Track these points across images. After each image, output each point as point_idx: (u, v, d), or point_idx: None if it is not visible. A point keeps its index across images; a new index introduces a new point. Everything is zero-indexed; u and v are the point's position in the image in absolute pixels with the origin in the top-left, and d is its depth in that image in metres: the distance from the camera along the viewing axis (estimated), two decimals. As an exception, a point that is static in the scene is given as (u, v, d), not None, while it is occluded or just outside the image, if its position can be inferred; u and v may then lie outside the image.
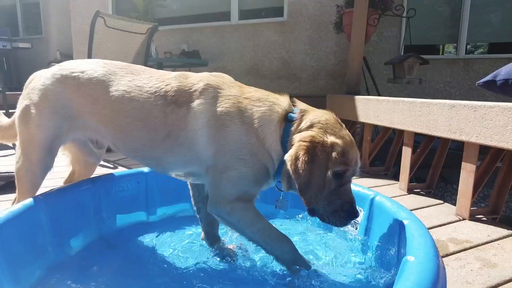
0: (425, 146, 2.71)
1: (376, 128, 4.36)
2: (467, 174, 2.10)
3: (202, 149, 1.32)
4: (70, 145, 1.67)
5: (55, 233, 1.45)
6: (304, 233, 1.72)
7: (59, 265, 1.39)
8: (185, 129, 1.32)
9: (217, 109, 1.30)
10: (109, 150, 1.67)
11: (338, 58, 6.19)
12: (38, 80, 1.47)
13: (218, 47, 6.84)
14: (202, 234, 1.62)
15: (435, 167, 2.71)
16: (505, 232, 1.90)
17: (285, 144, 1.26)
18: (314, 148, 1.15)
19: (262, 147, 1.29)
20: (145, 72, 1.46)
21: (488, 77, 1.75)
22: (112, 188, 1.80)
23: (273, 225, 1.34)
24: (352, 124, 3.74)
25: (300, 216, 1.85)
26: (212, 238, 1.61)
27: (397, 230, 1.24)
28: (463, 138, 2.07)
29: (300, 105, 1.37)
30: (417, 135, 2.65)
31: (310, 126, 1.24)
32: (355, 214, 1.21)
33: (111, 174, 1.88)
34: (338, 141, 1.20)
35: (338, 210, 1.20)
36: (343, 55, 6.03)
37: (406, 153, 2.67)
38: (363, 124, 3.39)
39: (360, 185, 1.65)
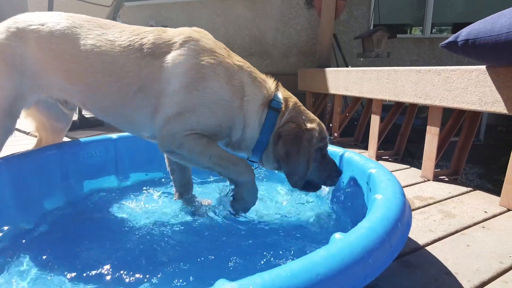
0: (393, 113, 2.80)
1: (345, 101, 4.46)
2: (432, 137, 2.20)
3: (169, 97, 1.27)
4: (35, 109, 1.57)
5: (18, 198, 1.39)
6: (275, 190, 1.74)
7: (24, 232, 1.34)
8: (159, 79, 1.27)
9: (200, 62, 1.27)
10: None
11: (309, 35, 6.21)
12: None
13: (188, 23, 6.60)
14: (176, 195, 1.60)
15: (403, 134, 2.81)
16: (464, 189, 2.02)
17: (267, 129, 1.34)
18: (301, 139, 1.30)
19: (241, 117, 1.33)
20: (116, 26, 1.38)
21: (450, 38, 1.81)
22: (79, 154, 1.74)
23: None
24: (323, 97, 3.80)
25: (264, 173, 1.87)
26: (187, 199, 1.59)
27: (365, 178, 1.28)
28: (428, 102, 2.15)
29: (284, 92, 1.44)
30: (384, 111, 2.73)
31: (294, 117, 1.36)
32: (340, 172, 1.45)
33: (78, 140, 1.81)
34: (315, 125, 1.38)
35: (329, 174, 1.43)
36: (314, 32, 6.06)
37: (375, 121, 2.75)
38: (333, 97, 3.45)
39: (332, 145, 1.69)
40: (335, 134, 3.33)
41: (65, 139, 2.92)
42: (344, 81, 3.04)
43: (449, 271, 1.19)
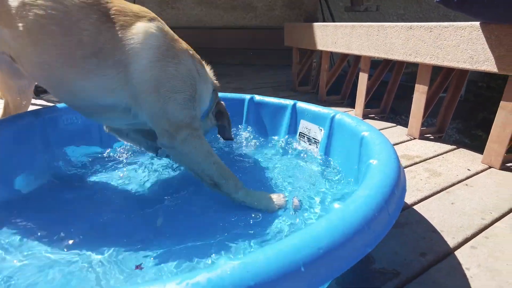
0: (381, 71, 2.77)
1: (332, 59, 4.36)
2: (420, 95, 2.20)
3: (139, 71, 1.19)
4: None
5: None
6: (260, 154, 1.72)
7: (5, 205, 1.28)
8: (122, 49, 1.17)
9: (170, 42, 1.27)
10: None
11: (295, -14, 5.90)
12: None
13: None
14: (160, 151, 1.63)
15: (389, 92, 2.80)
16: (449, 147, 2.07)
17: (210, 105, 1.50)
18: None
19: (199, 95, 1.38)
20: None
21: (446, -7, 1.74)
22: (59, 120, 1.65)
23: None
24: (309, 53, 3.70)
25: (255, 143, 1.84)
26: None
27: (358, 142, 1.27)
28: (417, 60, 2.12)
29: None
30: (372, 67, 2.68)
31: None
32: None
33: (55, 106, 1.70)
34: None
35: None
36: (299, -17, 5.75)
37: (363, 79, 2.71)
38: (320, 53, 3.36)
39: (320, 106, 1.66)
40: (322, 93, 3.29)
41: (44, 103, 2.77)
42: (332, 36, 2.94)
43: (435, 229, 1.24)
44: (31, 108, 1.73)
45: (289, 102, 1.79)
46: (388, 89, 2.83)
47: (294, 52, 3.74)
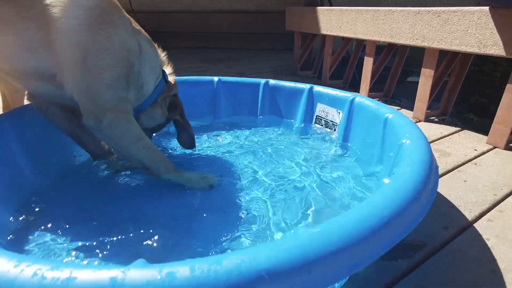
0: (385, 55, 2.82)
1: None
2: (426, 79, 2.26)
3: (63, 33, 1.05)
4: None
5: (27, 155, 1.33)
6: (277, 139, 1.77)
7: (40, 190, 1.30)
8: (47, 3, 1.04)
9: (108, 7, 1.12)
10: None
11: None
12: None
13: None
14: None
15: (393, 75, 2.87)
16: (454, 129, 2.15)
17: (156, 91, 1.36)
18: None
19: (138, 70, 1.24)
20: None
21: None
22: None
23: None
24: (311, 37, 3.72)
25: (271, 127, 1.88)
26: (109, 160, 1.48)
27: (381, 124, 1.33)
28: (425, 44, 2.17)
29: (169, 76, 1.46)
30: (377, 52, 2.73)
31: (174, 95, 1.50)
32: None
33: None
34: None
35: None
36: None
37: (368, 63, 2.76)
38: (323, 37, 3.39)
39: (337, 89, 1.71)
40: (325, 77, 3.34)
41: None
42: (336, 21, 2.96)
43: (453, 205, 1.33)
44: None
45: (305, 85, 1.83)
46: (391, 73, 2.89)
47: (295, 36, 3.76)
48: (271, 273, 0.52)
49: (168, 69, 1.46)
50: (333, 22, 3.02)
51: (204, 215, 1.15)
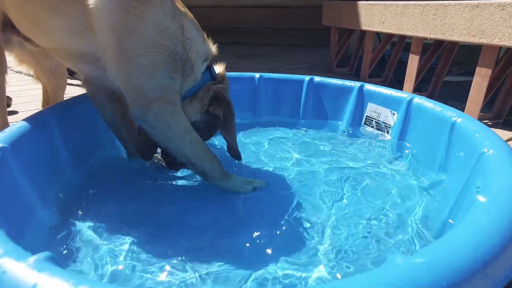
0: (432, 53, 2.65)
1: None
2: (481, 79, 2.09)
3: (97, 13, 1.02)
4: (18, 50, 1.38)
5: (69, 150, 1.29)
6: (329, 140, 1.67)
7: (79, 185, 1.27)
8: None
9: None
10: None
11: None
12: None
13: None
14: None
15: (438, 75, 2.69)
16: (510, 134, 1.98)
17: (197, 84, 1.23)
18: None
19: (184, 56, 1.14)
20: None
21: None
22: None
23: None
24: (349, 33, 3.57)
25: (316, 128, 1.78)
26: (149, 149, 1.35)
27: (447, 128, 1.20)
28: (483, 41, 2.00)
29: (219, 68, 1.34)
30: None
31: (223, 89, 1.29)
32: None
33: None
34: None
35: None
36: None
37: (413, 61, 2.60)
38: (362, 34, 3.24)
39: (393, 89, 1.59)
40: (364, 74, 3.19)
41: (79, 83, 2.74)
42: (379, 16, 2.81)
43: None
44: (68, 88, 1.68)
45: (354, 83, 1.71)
46: (437, 72, 2.72)
47: (332, 31, 3.62)
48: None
49: (217, 63, 1.35)
50: (375, 17, 2.86)
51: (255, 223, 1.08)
